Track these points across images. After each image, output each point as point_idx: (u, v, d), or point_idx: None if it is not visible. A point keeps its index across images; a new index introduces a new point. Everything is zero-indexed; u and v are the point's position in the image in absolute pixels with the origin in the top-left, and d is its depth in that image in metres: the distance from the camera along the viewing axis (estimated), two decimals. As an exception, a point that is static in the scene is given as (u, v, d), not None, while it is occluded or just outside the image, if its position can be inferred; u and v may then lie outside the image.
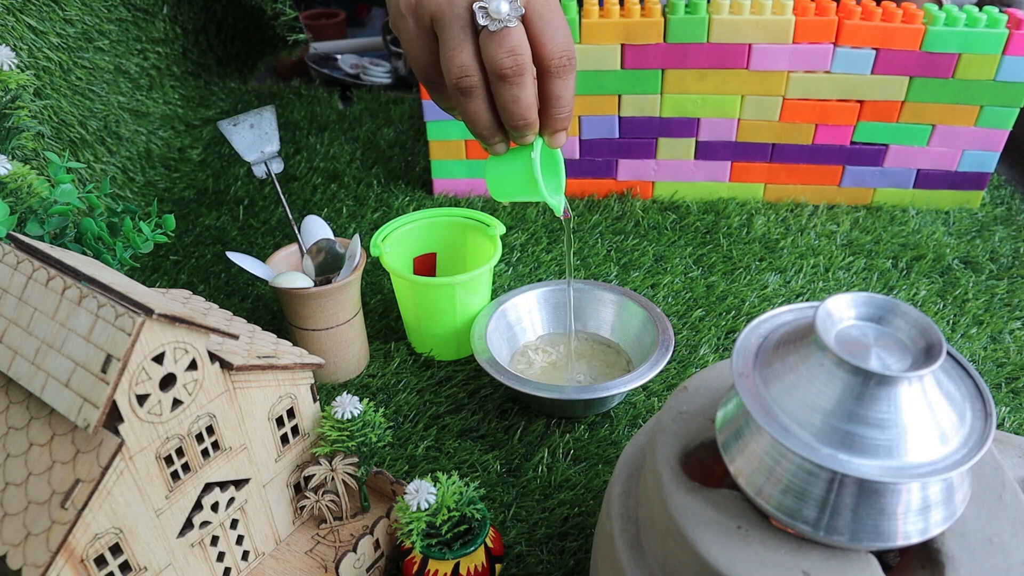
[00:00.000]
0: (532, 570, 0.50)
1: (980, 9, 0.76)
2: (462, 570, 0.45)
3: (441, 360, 0.67)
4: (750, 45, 0.78)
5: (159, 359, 0.36)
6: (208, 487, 0.42)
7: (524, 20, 0.49)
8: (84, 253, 0.50)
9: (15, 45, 0.73)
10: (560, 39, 0.49)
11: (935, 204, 0.87)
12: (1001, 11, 0.76)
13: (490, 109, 0.51)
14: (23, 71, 0.72)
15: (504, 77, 0.49)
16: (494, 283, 0.74)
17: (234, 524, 0.45)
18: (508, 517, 0.53)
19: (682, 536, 0.33)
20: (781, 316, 0.36)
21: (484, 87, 0.50)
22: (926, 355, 0.30)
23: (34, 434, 0.37)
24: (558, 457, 0.58)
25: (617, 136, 0.85)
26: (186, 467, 0.40)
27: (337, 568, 0.45)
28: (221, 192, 0.91)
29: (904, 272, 0.77)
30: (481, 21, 0.48)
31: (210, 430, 0.41)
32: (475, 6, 0.48)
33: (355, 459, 0.47)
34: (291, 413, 0.46)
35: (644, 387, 0.63)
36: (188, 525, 0.41)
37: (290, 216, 0.63)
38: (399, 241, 0.68)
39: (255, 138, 0.62)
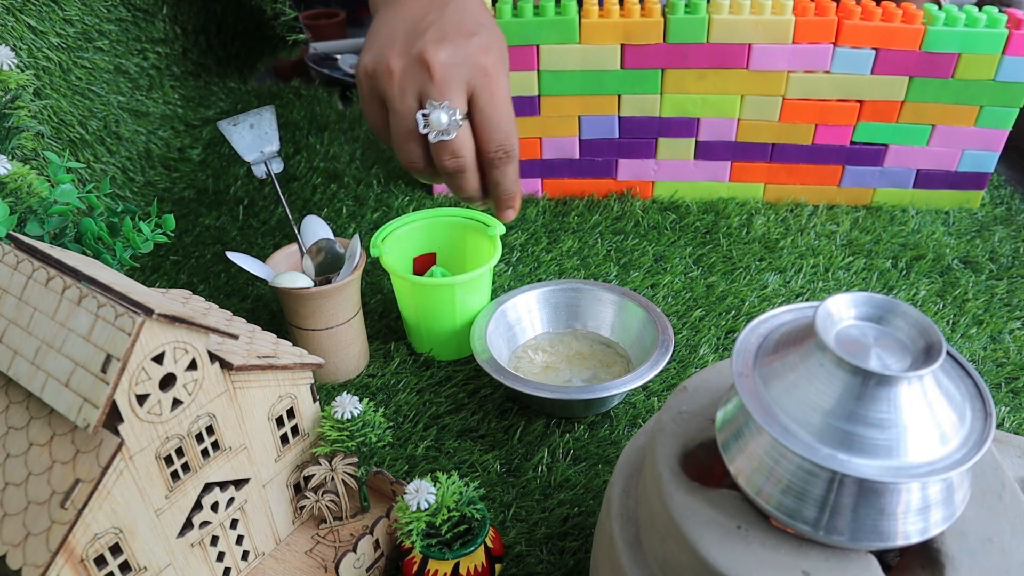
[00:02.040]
0: (532, 570, 0.50)
1: (980, 9, 0.76)
2: (462, 570, 0.45)
3: (441, 360, 0.67)
4: (750, 45, 0.78)
5: (159, 359, 0.36)
6: (208, 487, 0.42)
7: (468, 115, 0.52)
8: (84, 253, 0.50)
9: (15, 45, 0.73)
10: (498, 135, 0.52)
11: (935, 204, 0.87)
12: (1001, 11, 0.76)
13: (436, 177, 0.56)
14: (23, 71, 0.72)
15: (446, 173, 0.53)
16: (494, 283, 0.74)
17: (234, 524, 0.45)
18: (508, 517, 0.53)
19: (682, 536, 0.33)
20: (781, 316, 0.36)
21: (431, 166, 0.54)
22: (926, 355, 0.30)
23: (34, 434, 0.37)
24: (558, 457, 0.58)
25: (617, 136, 0.85)
26: (186, 467, 0.40)
27: (337, 568, 0.45)
28: (221, 192, 0.91)
29: (904, 272, 0.77)
30: (422, 130, 0.51)
31: (210, 430, 0.41)
32: (418, 115, 0.51)
33: (355, 459, 0.47)
34: (291, 413, 0.46)
35: (644, 387, 0.63)
36: (188, 525, 0.41)
37: (290, 216, 0.63)
38: (399, 241, 0.68)
39: (255, 138, 0.62)
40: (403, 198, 0.89)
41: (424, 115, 0.50)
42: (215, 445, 0.41)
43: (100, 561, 0.37)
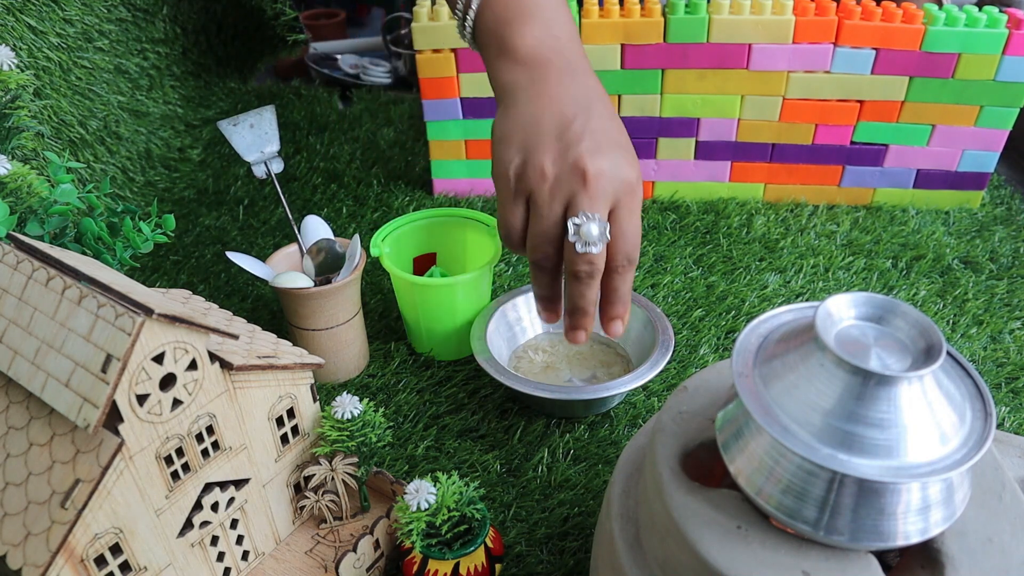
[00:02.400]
0: (532, 570, 0.50)
1: (980, 9, 0.76)
2: (462, 570, 0.45)
3: (441, 360, 0.67)
4: (750, 45, 0.78)
5: (159, 359, 0.36)
6: (208, 487, 0.42)
7: None
8: (84, 253, 0.50)
9: (15, 45, 0.73)
10: (627, 245, 0.52)
11: (935, 204, 0.87)
12: (1001, 11, 0.76)
13: (554, 285, 0.54)
14: (23, 71, 0.72)
15: (577, 277, 0.51)
16: (494, 283, 0.74)
17: (234, 524, 0.45)
18: (508, 517, 0.53)
19: (682, 536, 0.33)
20: (781, 316, 0.36)
21: (557, 268, 0.53)
22: (926, 355, 0.30)
23: (34, 434, 0.37)
24: (558, 457, 0.58)
25: (617, 136, 0.85)
26: (186, 467, 0.40)
27: (337, 568, 0.45)
28: (221, 192, 0.91)
29: (904, 272, 0.77)
30: (571, 239, 0.50)
31: (210, 430, 0.41)
32: (569, 222, 0.50)
33: (355, 459, 0.47)
34: (291, 413, 0.46)
35: (644, 387, 0.63)
36: (188, 525, 0.41)
37: (290, 216, 0.63)
38: (399, 241, 0.68)
39: (255, 138, 0.62)
40: (403, 198, 0.89)
41: (576, 224, 0.50)
42: (215, 445, 0.41)
43: (100, 561, 0.37)
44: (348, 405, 0.47)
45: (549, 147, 0.51)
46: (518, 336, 0.66)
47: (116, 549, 0.38)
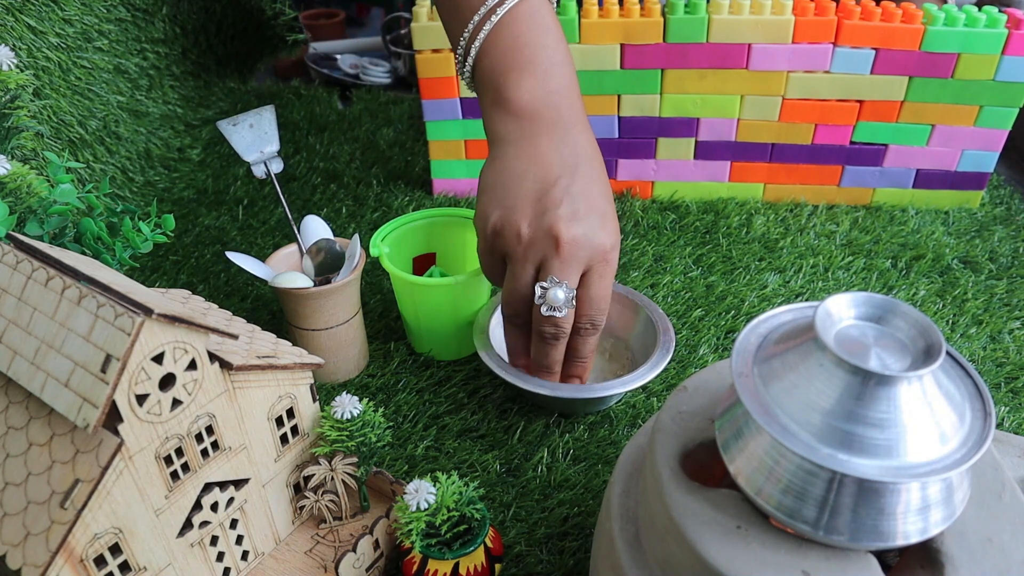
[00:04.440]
0: (532, 570, 0.50)
1: (979, 9, 0.76)
2: (462, 570, 0.45)
3: (441, 360, 0.67)
4: (750, 45, 0.78)
5: (159, 359, 0.36)
6: (208, 487, 0.42)
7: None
8: (84, 253, 0.50)
9: (14, 45, 0.73)
10: (592, 309, 0.54)
11: (934, 204, 0.87)
12: (1000, 11, 0.76)
13: (525, 340, 0.56)
14: (22, 71, 0.72)
15: (542, 338, 0.54)
16: (494, 283, 0.74)
17: (234, 524, 0.45)
18: (508, 517, 0.53)
19: (682, 536, 0.33)
20: (780, 316, 0.36)
21: (528, 324, 0.55)
22: (926, 355, 0.30)
23: (34, 434, 0.37)
24: (558, 457, 0.58)
25: (616, 136, 0.85)
26: (186, 467, 0.40)
27: (337, 568, 0.45)
28: (221, 192, 0.91)
29: (903, 272, 0.77)
30: (537, 302, 0.52)
31: (209, 430, 0.41)
32: (537, 285, 0.52)
33: (355, 459, 0.47)
34: (291, 413, 0.46)
35: (644, 387, 0.63)
36: (188, 525, 0.41)
37: (289, 216, 0.63)
38: (399, 241, 0.68)
39: (255, 138, 0.62)
40: (403, 198, 0.89)
41: (543, 288, 0.52)
42: (215, 445, 0.41)
43: (100, 561, 0.37)
44: (348, 405, 0.47)
45: (527, 209, 0.52)
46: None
47: (116, 549, 0.38)
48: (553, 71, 0.55)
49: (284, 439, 0.46)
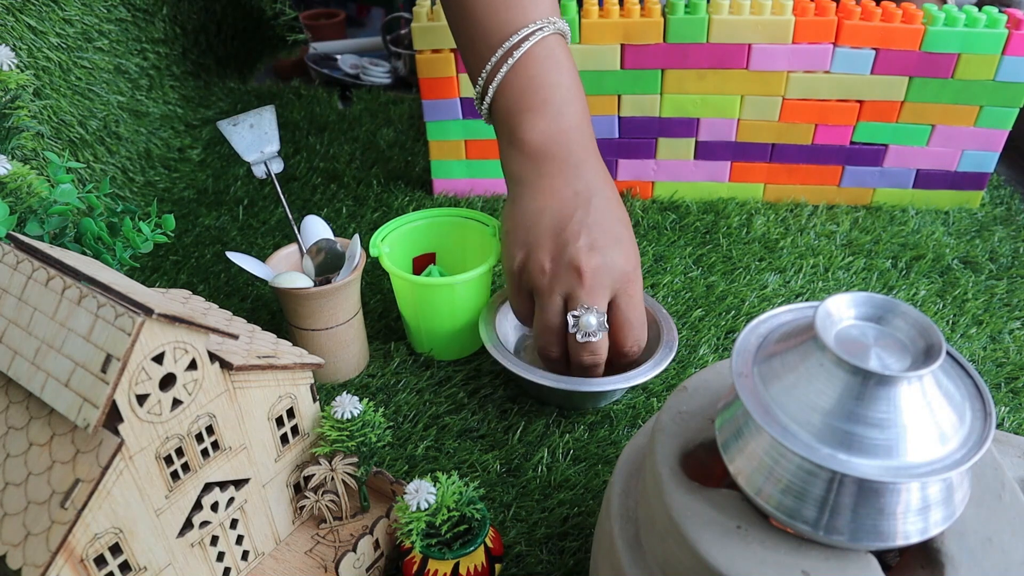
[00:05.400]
0: (532, 570, 0.50)
1: (980, 9, 0.76)
2: (462, 570, 0.45)
3: (441, 360, 0.67)
4: (750, 45, 0.78)
5: (159, 359, 0.36)
6: (208, 487, 0.42)
7: (608, 320, 0.55)
8: (84, 253, 0.51)
9: (15, 45, 0.73)
10: (633, 331, 0.56)
11: (935, 204, 0.87)
12: (1001, 11, 0.76)
13: (564, 366, 0.58)
14: (23, 71, 0.72)
15: (582, 367, 0.56)
16: (494, 283, 0.74)
17: (234, 524, 0.45)
18: (508, 517, 0.53)
19: (682, 536, 0.33)
20: (780, 316, 0.36)
21: (564, 357, 0.57)
22: (926, 355, 0.30)
23: (34, 434, 0.37)
24: (558, 457, 0.58)
25: (617, 136, 0.85)
26: (186, 467, 0.40)
27: (337, 568, 0.45)
28: (221, 192, 0.91)
29: (904, 272, 0.77)
30: (571, 330, 0.54)
31: (210, 430, 0.41)
32: (569, 315, 0.54)
33: (355, 459, 0.47)
34: (291, 413, 0.46)
35: (644, 387, 0.63)
36: (188, 525, 0.41)
37: (290, 216, 0.63)
38: (399, 241, 0.68)
39: (255, 138, 0.62)
40: (403, 198, 0.89)
41: (575, 316, 0.54)
42: (215, 445, 0.41)
43: (100, 561, 0.37)
44: (348, 405, 0.47)
45: (547, 244, 0.55)
46: (523, 327, 0.67)
47: (116, 549, 0.38)
48: (565, 109, 0.57)
49: (284, 439, 0.46)
